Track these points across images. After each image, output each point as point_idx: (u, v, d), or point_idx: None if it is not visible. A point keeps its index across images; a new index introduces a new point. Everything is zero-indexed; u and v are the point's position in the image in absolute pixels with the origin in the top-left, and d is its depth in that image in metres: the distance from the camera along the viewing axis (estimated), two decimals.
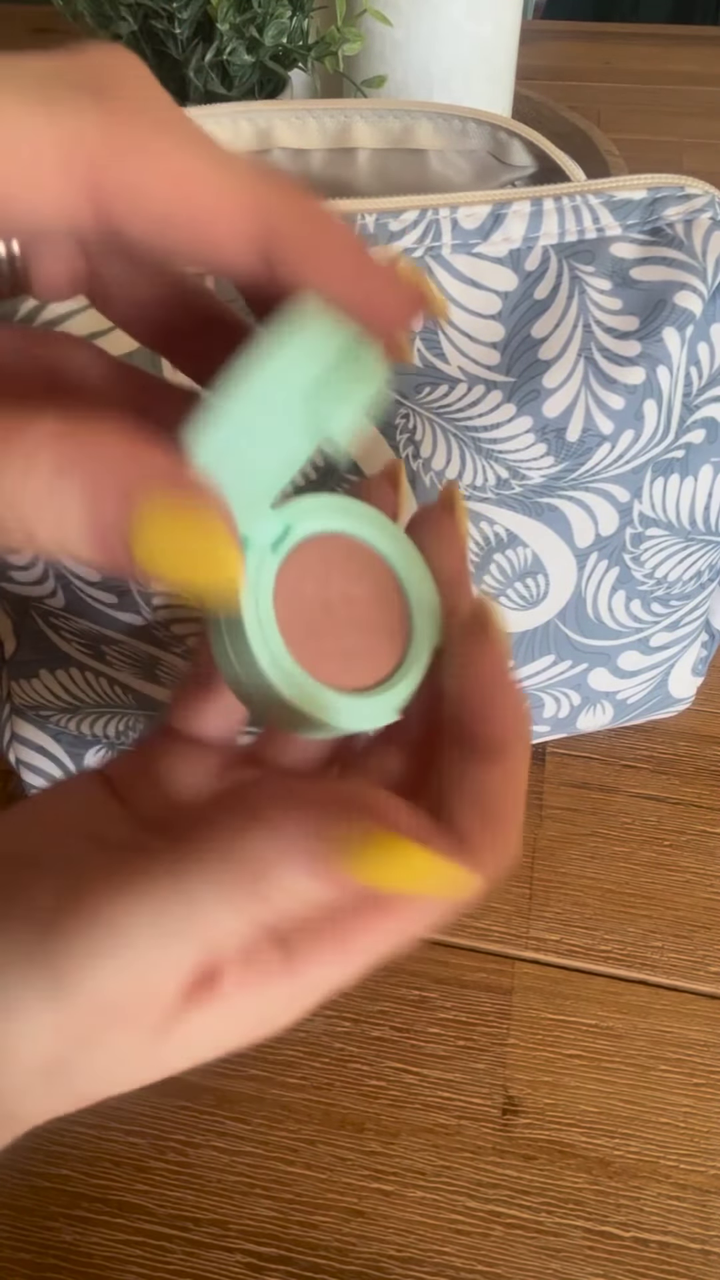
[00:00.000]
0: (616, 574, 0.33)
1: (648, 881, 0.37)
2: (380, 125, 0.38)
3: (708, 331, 0.29)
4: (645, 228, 0.28)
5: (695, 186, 0.29)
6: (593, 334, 0.28)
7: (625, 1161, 0.31)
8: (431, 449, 0.29)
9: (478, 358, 0.28)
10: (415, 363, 0.27)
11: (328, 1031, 0.33)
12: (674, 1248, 0.29)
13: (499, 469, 0.29)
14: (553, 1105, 0.32)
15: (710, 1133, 0.31)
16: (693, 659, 0.38)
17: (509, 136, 0.37)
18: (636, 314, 0.28)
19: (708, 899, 0.37)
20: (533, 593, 0.32)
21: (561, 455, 0.29)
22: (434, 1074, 0.32)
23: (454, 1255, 0.29)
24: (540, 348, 0.28)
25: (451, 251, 0.28)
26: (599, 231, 0.28)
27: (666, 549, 0.33)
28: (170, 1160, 0.31)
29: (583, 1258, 0.29)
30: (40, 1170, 0.30)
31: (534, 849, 0.38)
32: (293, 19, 0.45)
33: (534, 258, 0.28)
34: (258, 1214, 0.30)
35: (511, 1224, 0.30)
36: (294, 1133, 0.31)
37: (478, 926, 0.36)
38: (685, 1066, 0.33)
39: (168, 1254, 0.29)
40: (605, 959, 0.35)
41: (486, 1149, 0.31)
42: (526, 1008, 0.34)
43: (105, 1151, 0.31)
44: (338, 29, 0.47)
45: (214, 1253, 0.29)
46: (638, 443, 0.29)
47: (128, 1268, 0.29)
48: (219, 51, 0.44)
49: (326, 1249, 0.29)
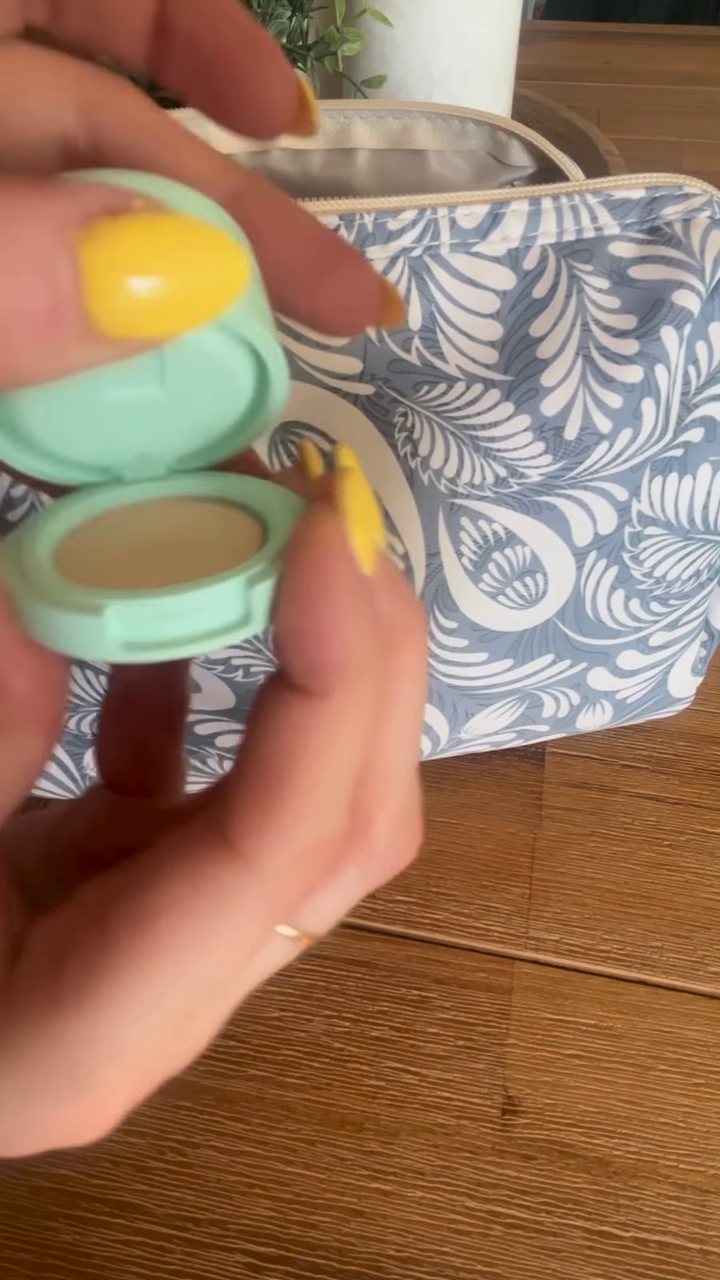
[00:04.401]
0: (615, 573, 0.33)
1: (647, 881, 0.37)
2: (379, 125, 0.38)
3: (706, 330, 0.29)
4: (643, 227, 0.28)
5: (693, 186, 0.29)
6: (591, 333, 0.28)
7: (625, 1161, 0.31)
8: (430, 448, 0.29)
9: (476, 356, 0.28)
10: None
11: (327, 1031, 0.33)
12: (673, 1248, 0.29)
13: (497, 467, 0.29)
14: (552, 1105, 0.32)
15: (710, 1133, 0.31)
16: (692, 658, 0.38)
17: (508, 137, 0.37)
18: (635, 313, 0.28)
19: (707, 899, 0.37)
20: (531, 592, 0.32)
21: (560, 454, 0.29)
22: (433, 1074, 0.32)
23: (453, 1255, 0.29)
24: (538, 346, 0.28)
25: (450, 251, 0.28)
26: (597, 231, 0.28)
27: (665, 548, 0.33)
28: (169, 1160, 0.31)
29: (582, 1258, 0.29)
30: (40, 1170, 0.30)
31: (533, 849, 0.38)
32: (292, 19, 0.45)
33: (532, 257, 0.28)
34: (257, 1214, 0.30)
35: (511, 1224, 0.30)
36: (293, 1133, 0.31)
37: (477, 926, 0.36)
38: (685, 1066, 0.33)
39: (167, 1254, 0.29)
40: (605, 959, 0.35)
41: (486, 1149, 0.31)
42: (526, 1008, 0.34)
43: (104, 1151, 0.31)
44: (337, 29, 0.47)
45: (213, 1253, 0.29)
46: (636, 441, 0.29)
47: (127, 1268, 0.29)
48: None
49: (326, 1249, 0.29)
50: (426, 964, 0.35)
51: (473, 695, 0.35)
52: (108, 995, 0.12)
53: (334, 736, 0.12)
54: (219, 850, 0.12)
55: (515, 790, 0.40)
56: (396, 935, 0.36)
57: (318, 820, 0.12)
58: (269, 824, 0.12)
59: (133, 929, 0.12)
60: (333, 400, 0.28)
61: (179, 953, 0.12)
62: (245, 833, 0.12)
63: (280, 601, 0.12)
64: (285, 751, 0.12)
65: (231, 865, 0.12)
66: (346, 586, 0.12)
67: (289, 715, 0.12)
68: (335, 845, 0.12)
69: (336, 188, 0.39)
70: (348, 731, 0.12)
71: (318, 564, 0.12)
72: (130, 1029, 0.12)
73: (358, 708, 0.12)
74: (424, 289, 0.28)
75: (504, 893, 0.37)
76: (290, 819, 0.12)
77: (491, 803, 0.40)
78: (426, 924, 0.36)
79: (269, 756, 0.12)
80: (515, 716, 0.37)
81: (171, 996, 0.12)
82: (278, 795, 0.12)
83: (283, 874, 0.12)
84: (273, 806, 0.12)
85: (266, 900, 0.12)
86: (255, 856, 0.12)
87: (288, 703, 0.12)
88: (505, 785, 0.40)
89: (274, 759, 0.12)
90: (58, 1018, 0.12)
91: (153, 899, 0.12)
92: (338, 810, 0.12)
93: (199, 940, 0.12)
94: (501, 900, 0.37)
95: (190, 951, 0.12)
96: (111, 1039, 0.12)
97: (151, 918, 0.12)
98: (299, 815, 0.12)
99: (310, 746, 0.12)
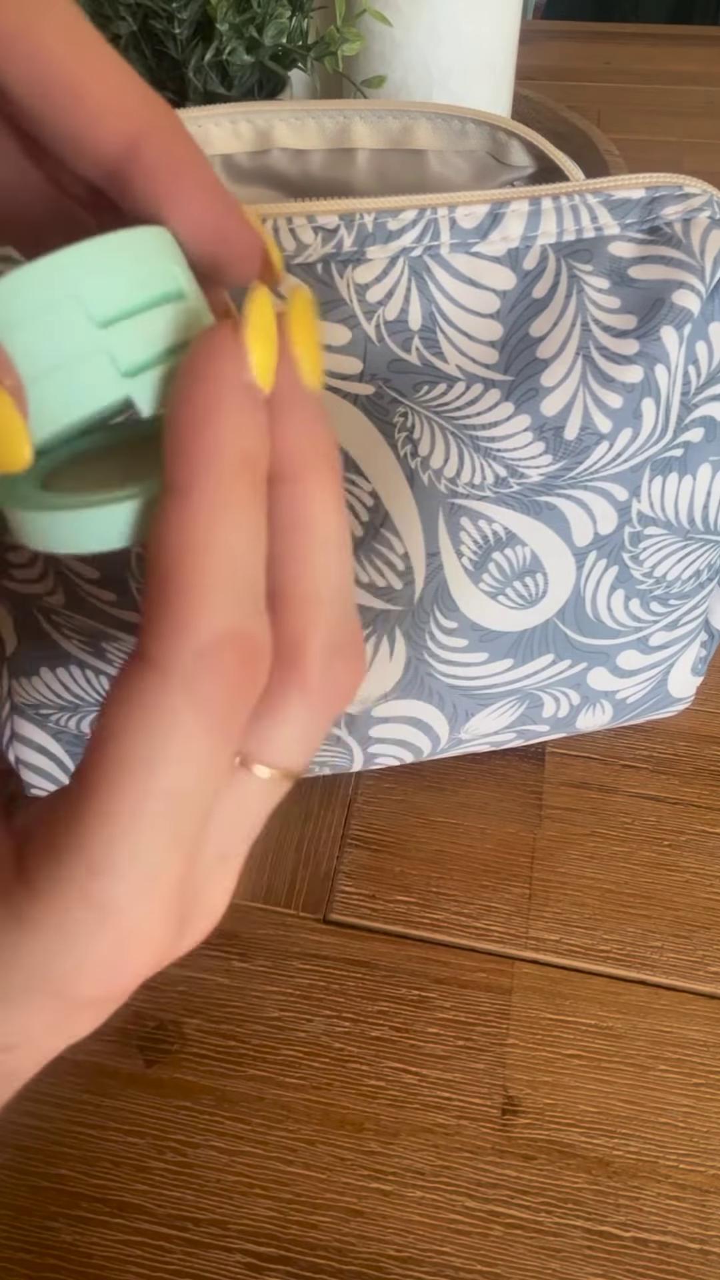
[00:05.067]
0: (615, 573, 0.33)
1: (647, 881, 0.37)
2: (379, 126, 0.38)
3: (706, 330, 0.29)
4: (643, 227, 0.28)
5: (693, 186, 0.29)
6: (591, 332, 0.28)
7: (625, 1161, 0.31)
8: (430, 447, 0.29)
9: (476, 356, 0.28)
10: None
11: (327, 1031, 0.33)
12: (673, 1247, 0.29)
13: (497, 467, 0.29)
14: (552, 1105, 0.32)
15: (710, 1133, 0.31)
16: (692, 658, 0.38)
17: (508, 137, 0.37)
18: (635, 312, 0.28)
19: (707, 899, 0.37)
20: (531, 592, 0.32)
21: (560, 454, 0.29)
22: (433, 1074, 0.32)
23: (453, 1255, 0.29)
24: (538, 346, 0.28)
25: (450, 251, 0.28)
26: (597, 230, 0.28)
27: (665, 548, 0.33)
28: (169, 1160, 0.31)
29: (582, 1258, 0.29)
30: (40, 1170, 0.30)
31: (533, 849, 0.38)
32: (292, 19, 0.45)
33: (532, 257, 0.28)
34: (257, 1214, 0.30)
35: (511, 1224, 0.30)
36: (293, 1133, 0.31)
37: (477, 926, 0.36)
38: (685, 1066, 0.33)
39: (167, 1254, 0.29)
40: (605, 959, 0.35)
41: (486, 1149, 0.31)
42: (526, 1007, 0.34)
43: (104, 1151, 0.31)
44: (337, 29, 0.47)
45: (213, 1252, 0.29)
46: (636, 441, 0.29)
47: (127, 1268, 0.29)
48: (218, 51, 0.44)
49: (326, 1249, 0.29)
50: (426, 964, 0.35)
51: (473, 695, 0.35)
52: (90, 822, 0.13)
53: (208, 528, 0.13)
54: (137, 665, 0.13)
55: (515, 790, 0.40)
56: (396, 935, 0.36)
57: (216, 612, 0.13)
58: (164, 622, 0.13)
59: (94, 764, 0.13)
60: (333, 400, 0.28)
61: (132, 770, 0.13)
62: (151, 639, 0.13)
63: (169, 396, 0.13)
64: (164, 549, 0.13)
65: (147, 674, 0.13)
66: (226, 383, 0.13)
67: (167, 515, 0.13)
68: (252, 646, 0.13)
69: (336, 188, 0.39)
70: (224, 525, 0.13)
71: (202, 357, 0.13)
72: (123, 851, 0.13)
73: (234, 504, 0.13)
74: (424, 289, 0.28)
75: (504, 893, 0.37)
76: (180, 612, 0.12)
77: (491, 803, 0.40)
78: (426, 924, 0.36)
79: (155, 557, 0.13)
80: (515, 716, 0.37)
81: (148, 814, 0.13)
82: (166, 592, 0.12)
83: (194, 672, 0.13)
84: (165, 605, 0.12)
85: (191, 703, 0.13)
86: (162, 658, 0.13)
87: (167, 503, 0.13)
88: (505, 785, 0.40)
89: (157, 559, 0.13)
90: (62, 866, 0.13)
91: (101, 731, 0.13)
92: (237, 605, 0.13)
93: (144, 753, 0.13)
94: (501, 900, 0.37)
95: (142, 766, 0.13)
96: (109, 864, 0.13)
97: (102, 745, 0.13)
98: (192, 607, 0.12)
99: (185, 539, 0.12)
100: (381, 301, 0.28)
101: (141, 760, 0.13)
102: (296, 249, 0.27)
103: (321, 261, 0.27)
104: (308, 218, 0.27)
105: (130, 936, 0.13)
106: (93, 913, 0.13)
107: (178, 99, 0.46)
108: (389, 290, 0.28)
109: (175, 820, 0.13)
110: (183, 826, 0.13)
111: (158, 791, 0.13)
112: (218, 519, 0.13)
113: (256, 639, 0.13)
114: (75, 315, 0.13)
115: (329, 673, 0.14)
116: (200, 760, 0.13)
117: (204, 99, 0.46)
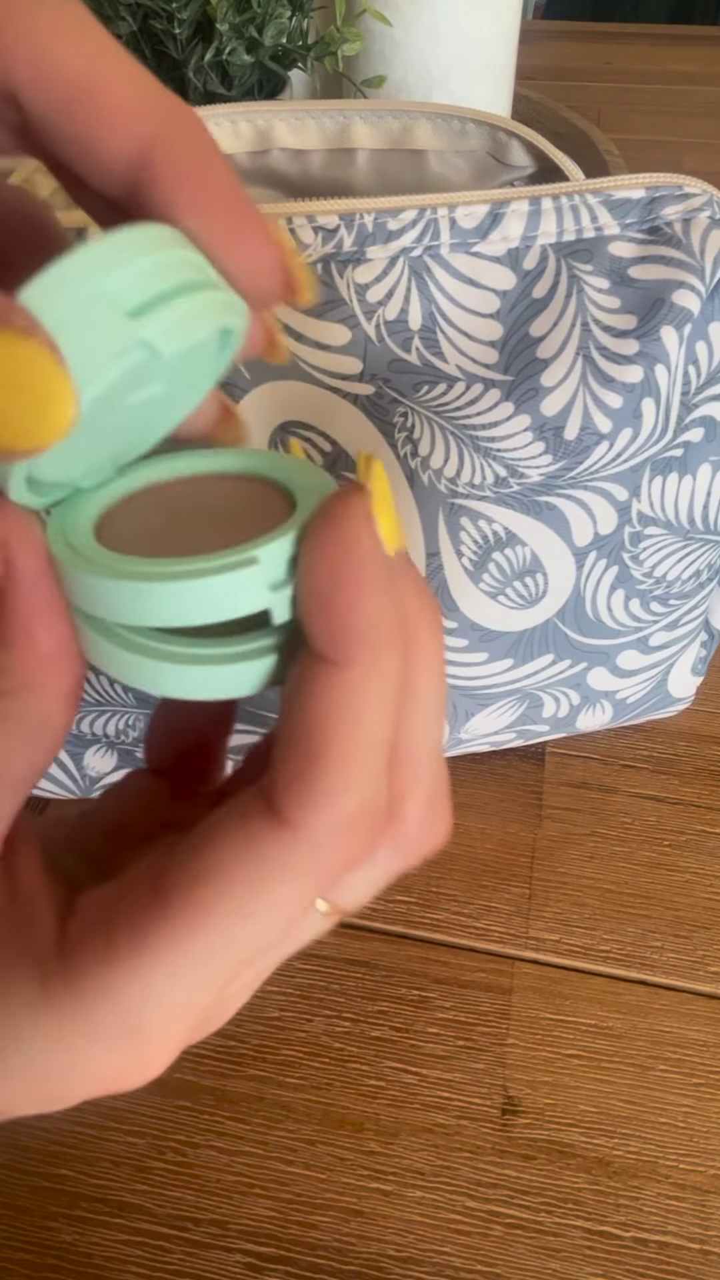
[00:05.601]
0: (615, 573, 0.33)
1: (647, 881, 0.37)
2: (379, 126, 0.38)
3: (706, 330, 0.29)
4: (643, 227, 0.28)
5: (693, 186, 0.29)
6: (591, 332, 0.28)
7: (625, 1161, 0.31)
8: (430, 447, 0.29)
9: (476, 356, 0.28)
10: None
11: (327, 1031, 0.33)
12: (673, 1247, 0.29)
13: (497, 467, 0.29)
14: (552, 1105, 0.32)
15: (710, 1133, 0.31)
16: (692, 658, 0.38)
17: (508, 137, 0.37)
18: (635, 312, 0.28)
19: (707, 899, 0.37)
20: (531, 592, 0.32)
21: (560, 454, 0.29)
22: (433, 1074, 0.32)
23: (453, 1255, 0.29)
24: (538, 346, 0.28)
25: (450, 251, 0.28)
26: (597, 230, 0.28)
27: (665, 548, 0.33)
28: (169, 1160, 0.31)
29: (582, 1258, 0.29)
30: (40, 1170, 0.30)
31: (533, 849, 0.38)
32: (292, 19, 0.45)
33: (532, 257, 0.28)
34: (257, 1214, 0.30)
35: (511, 1224, 0.30)
36: (293, 1132, 0.31)
37: (477, 926, 0.36)
38: (685, 1066, 0.33)
39: (167, 1254, 0.29)
40: (605, 959, 0.35)
41: (486, 1149, 0.31)
42: (526, 1008, 0.34)
43: (104, 1151, 0.31)
44: (337, 29, 0.47)
45: (213, 1252, 0.29)
46: (636, 441, 0.29)
47: (127, 1268, 0.29)
48: (218, 51, 0.44)
49: (326, 1249, 0.29)
50: (426, 964, 0.35)
51: (473, 695, 0.35)
52: (162, 950, 0.12)
53: (364, 703, 0.12)
54: (267, 819, 0.13)
55: (515, 790, 0.40)
56: (396, 935, 0.36)
57: (358, 787, 0.12)
58: (313, 791, 0.12)
59: (186, 890, 0.13)
60: (333, 400, 0.28)
61: (228, 914, 0.12)
62: (291, 801, 0.12)
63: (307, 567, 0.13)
64: (321, 718, 0.12)
65: (279, 833, 0.12)
66: (372, 557, 0.12)
67: (321, 685, 0.12)
68: (377, 817, 0.13)
69: (336, 188, 0.39)
70: (376, 699, 0.13)
71: (347, 532, 0.12)
72: (180, 983, 0.13)
73: (383, 678, 0.13)
74: (424, 289, 0.28)
75: (504, 893, 0.37)
76: (332, 785, 0.12)
77: (491, 803, 0.40)
78: (426, 924, 0.36)
79: (306, 725, 0.12)
80: (515, 716, 0.37)
81: (220, 956, 0.13)
82: (319, 762, 0.12)
83: (328, 842, 0.12)
84: (315, 773, 0.12)
85: (313, 868, 0.13)
86: (301, 824, 0.12)
87: (319, 673, 0.12)
88: (505, 785, 0.40)
89: (311, 727, 0.12)
90: (115, 972, 0.13)
91: (205, 864, 0.13)
92: (376, 779, 0.13)
93: (248, 903, 0.12)
94: (501, 900, 0.37)
95: (239, 914, 0.12)
96: (163, 991, 0.13)
97: (204, 881, 0.13)
98: (340, 781, 0.12)
99: (343, 712, 0.12)
100: (381, 301, 0.28)
101: (238, 907, 0.12)
102: (297, 249, 0.27)
103: (321, 261, 0.27)
104: (308, 218, 0.27)
105: (145, 1060, 0.13)
106: (123, 1030, 0.13)
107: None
108: (389, 290, 0.28)
109: (241, 961, 0.13)
110: (240, 966, 0.13)
111: (243, 939, 0.13)
112: (372, 694, 0.13)
113: (382, 811, 0.13)
114: (104, 310, 0.13)
115: (423, 826, 0.14)
116: (292, 915, 0.13)
117: (204, 99, 0.46)
